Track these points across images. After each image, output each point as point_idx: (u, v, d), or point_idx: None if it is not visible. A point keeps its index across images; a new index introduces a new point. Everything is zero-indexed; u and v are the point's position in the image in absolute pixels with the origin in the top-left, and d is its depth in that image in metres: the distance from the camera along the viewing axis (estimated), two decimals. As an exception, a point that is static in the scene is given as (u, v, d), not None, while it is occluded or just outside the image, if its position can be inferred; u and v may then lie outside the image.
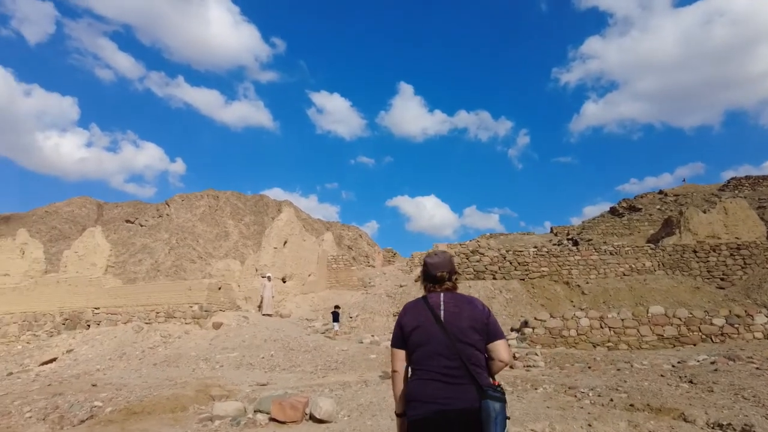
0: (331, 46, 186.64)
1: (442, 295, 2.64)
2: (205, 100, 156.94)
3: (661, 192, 43.24)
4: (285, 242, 21.33)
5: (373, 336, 15.60)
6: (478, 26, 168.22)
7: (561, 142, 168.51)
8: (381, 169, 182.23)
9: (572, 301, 20.01)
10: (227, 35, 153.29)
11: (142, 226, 41.76)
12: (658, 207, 37.88)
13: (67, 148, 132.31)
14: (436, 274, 2.68)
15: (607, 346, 12.94)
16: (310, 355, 12.69)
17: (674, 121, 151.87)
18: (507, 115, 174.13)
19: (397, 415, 2.62)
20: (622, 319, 13.18)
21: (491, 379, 2.51)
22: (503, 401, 2.38)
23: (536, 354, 11.44)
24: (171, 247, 38.26)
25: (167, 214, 41.65)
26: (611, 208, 42.77)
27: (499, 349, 2.55)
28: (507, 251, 22.71)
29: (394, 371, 2.64)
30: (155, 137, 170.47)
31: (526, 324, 13.93)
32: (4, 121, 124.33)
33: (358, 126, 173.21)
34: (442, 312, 2.56)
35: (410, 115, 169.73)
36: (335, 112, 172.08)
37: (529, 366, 10.84)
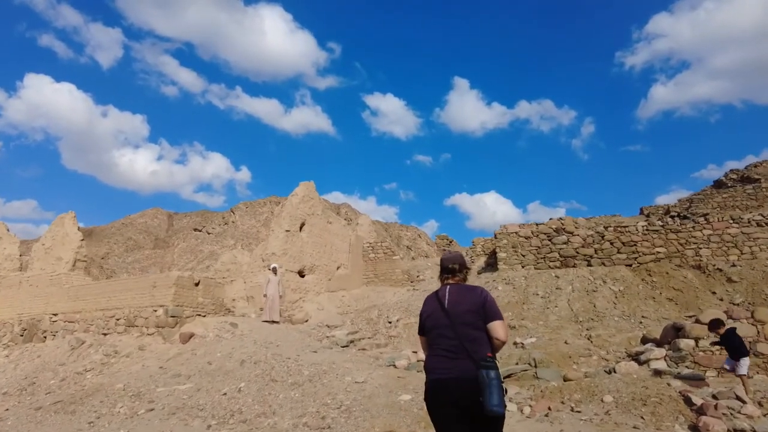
0: (384, 45, 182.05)
1: (448, 287, 3.13)
2: (265, 109, 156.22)
3: (783, 158, 35.16)
4: (302, 225, 16.16)
5: (416, 352, 10.07)
6: (533, 11, 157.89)
7: (629, 129, 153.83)
8: (439, 167, 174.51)
9: (715, 293, 13.51)
10: (283, 44, 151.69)
11: (209, 233, 41.82)
12: (782, 176, 30.19)
13: (141, 163, 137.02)
14: (448, 266, 3.21)
15: None
16: (298, 392, 7.32)
17: (760, 98, 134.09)
18: (570, 104, 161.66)
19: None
20: None
21: (487, 353, 2.87)
22: (496, 368, 2.81)
23: (742, 400, 5.44)
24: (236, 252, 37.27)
25: (232, 222, 41.50)
26: (715, 181, 35.50)
27: (495, 328, 2.93)
28: (606, 228, 16.43)
29: (424, 351, 3.21)
30: (221, 147, 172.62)
31: (679, 331, 7.87)
32: (87, 142, 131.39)
33: (413, 125, 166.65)
34: (446, 301, 3.05)
35: (467, 109, 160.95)
36: (390, 114, 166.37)
37: None
